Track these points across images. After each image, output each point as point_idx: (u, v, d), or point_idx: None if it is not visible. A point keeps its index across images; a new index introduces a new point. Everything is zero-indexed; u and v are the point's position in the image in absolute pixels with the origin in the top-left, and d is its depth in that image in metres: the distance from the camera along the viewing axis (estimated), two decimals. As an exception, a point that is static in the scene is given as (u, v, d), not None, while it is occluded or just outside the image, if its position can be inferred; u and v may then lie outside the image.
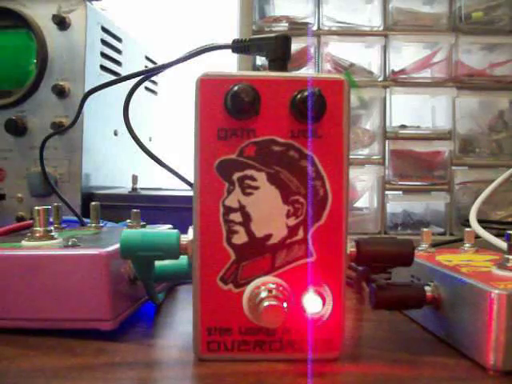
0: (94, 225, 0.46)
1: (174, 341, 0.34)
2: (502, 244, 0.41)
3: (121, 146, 0.75)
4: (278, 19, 0.68)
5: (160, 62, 0.39)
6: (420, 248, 0.43)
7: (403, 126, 0.68)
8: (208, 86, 0.30)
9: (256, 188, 0.30)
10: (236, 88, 0.29)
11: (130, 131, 0.44)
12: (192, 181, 0.31)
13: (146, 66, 0.86)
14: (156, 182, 0.82)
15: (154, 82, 0.92)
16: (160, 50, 0.93)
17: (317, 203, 0.30)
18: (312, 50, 0.67)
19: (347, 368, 0.31)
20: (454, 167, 0.67)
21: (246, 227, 0.30)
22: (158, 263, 0.35)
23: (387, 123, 0.67)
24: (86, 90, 0.63)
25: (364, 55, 0.70)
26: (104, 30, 0.71)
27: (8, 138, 0.65)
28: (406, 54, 0.69)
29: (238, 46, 0.35)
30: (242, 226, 0.30)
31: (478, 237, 0.46)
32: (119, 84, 0.43)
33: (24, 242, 0.37)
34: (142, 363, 0.31)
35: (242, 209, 0.30)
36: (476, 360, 0.30)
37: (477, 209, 0.51)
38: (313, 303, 0.30)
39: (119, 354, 0.32)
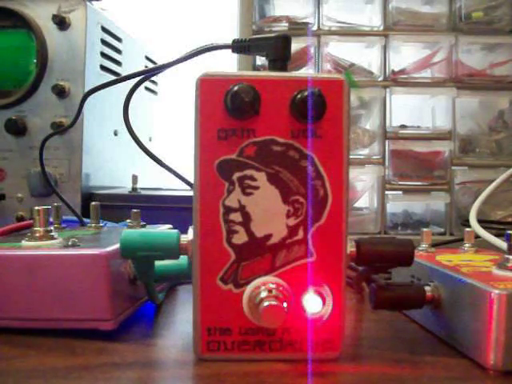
0: (94, 225, 0.46)
1: (173, 341, 0.34)
2: (502, 244, 0.41)
3: (121, 146, 0.75)
4: (277, 19, 0.68)
5: (160, 62, 0.39)
6: (420, 248, 0.43)
7: (403, 126, 0.68)
8: (208, 86, 0.30)
9: (256, 188, 0.30)
10: (236, 88, 0.29)
11: (129, 131, 0.44)
12: (192, 181, 0.31)
13: (146, 66, 0.86)
14: (156, 182, 0.82)
15: (154, 82, 0.92)
16: (160, 50, 0.93)
17: (317, 203, 0.30)
18: (312, 50, 0.67)
19: (347, 368, 0.31)
20: (453, 167, 0.67)
21: (246, 227, 0.30)
22: (157, 263, 0.35)
23: (387, 123, 0.67)
24: (86, 90, 0.63)
25: (364, 55, 0.69)
26: (104, 30, 0.70)
27: (8, 138, 0.65)
28: (406, 54, 0.69)
29: (238, 46, 0.35)
30: (242, 225, 0.30)
31: (477, 237, 0.46)
32: (119, 84, 0.43)
33: (24, 242, 0.37)
34: (142, 363, 0.31)
35: (242, 209, 0.30)
36: (476, 360, 0.30)
37: (477, 209, 0.51)
38: (313, 303, 0.30)
39: (119, 354, 0.32)
